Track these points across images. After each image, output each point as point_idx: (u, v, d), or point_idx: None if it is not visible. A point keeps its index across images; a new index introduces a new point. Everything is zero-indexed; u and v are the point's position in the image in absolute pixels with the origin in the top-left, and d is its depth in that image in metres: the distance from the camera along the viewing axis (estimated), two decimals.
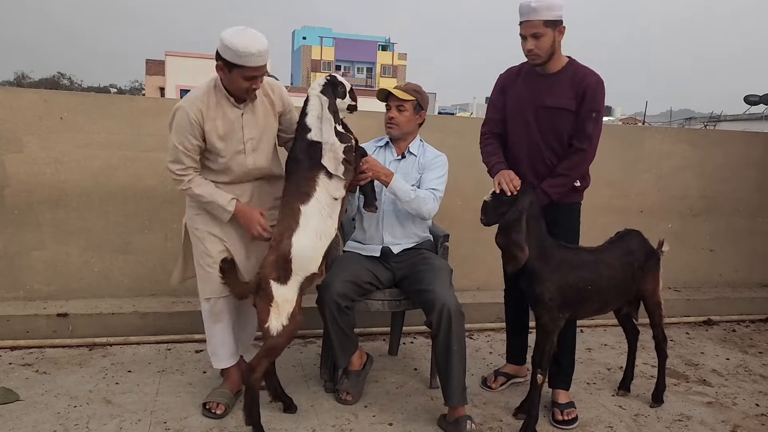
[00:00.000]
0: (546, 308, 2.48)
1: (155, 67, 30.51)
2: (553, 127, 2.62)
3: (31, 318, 3.23)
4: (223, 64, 2.34)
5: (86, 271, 3.50)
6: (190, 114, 2.40)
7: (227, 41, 2.27)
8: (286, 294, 2.36)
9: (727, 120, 15.97)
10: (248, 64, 2.30)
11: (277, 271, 2.34)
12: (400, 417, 2.65)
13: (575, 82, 2.57)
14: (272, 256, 2.37)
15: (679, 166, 4.53)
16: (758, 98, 13.19)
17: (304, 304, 3.18)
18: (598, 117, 2.59)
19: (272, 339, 2.34)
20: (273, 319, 2.33)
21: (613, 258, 2.62)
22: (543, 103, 2.61)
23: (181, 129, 2.42)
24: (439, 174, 2.84)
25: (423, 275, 2.68)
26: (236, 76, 2.34)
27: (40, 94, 3.39)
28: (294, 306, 2.38)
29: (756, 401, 3.01)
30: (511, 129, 2.76)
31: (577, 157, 2.59)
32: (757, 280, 4.83)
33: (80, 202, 3.43)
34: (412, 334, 3.66)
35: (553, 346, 2.52)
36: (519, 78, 2.74)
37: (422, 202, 2.71)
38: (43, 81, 47.53)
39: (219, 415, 2.53)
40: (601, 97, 2.58)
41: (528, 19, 2.49)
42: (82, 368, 2.96)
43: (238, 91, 2.42)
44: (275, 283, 2.33)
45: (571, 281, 2.49)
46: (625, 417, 2.77)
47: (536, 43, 2.51)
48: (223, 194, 2.49)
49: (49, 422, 2.43)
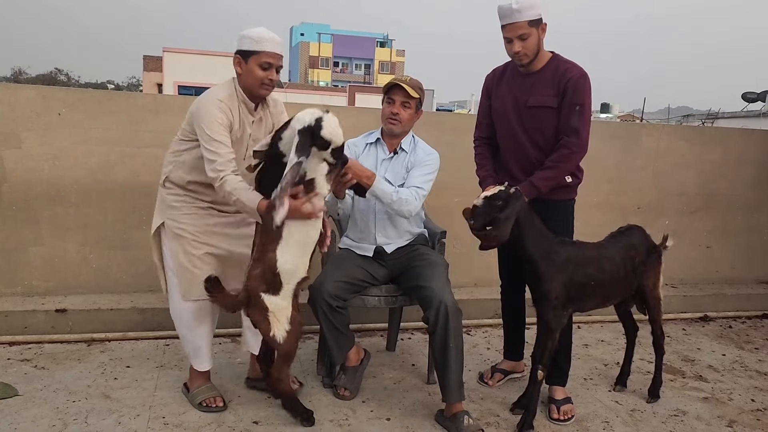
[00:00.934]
0: (551, 306, 2.48)
1: (153, 63, 30.42)
2: (537, 126, 2.63)
3: (29, 314, 3.23)
4: (240, 56, 2.39)
5: (84, 267, 3.50)
6: (223, 108, 2.38)
7: (244, 32, 2.39)
8: (280, 302, 2.33)
9: (724, 117, 15.99)
10: (265, 49, 2.37)
11: (265, 284, 2.30)
12: (397, 412, 2.66)
13: (556, 78, 2.57)
14: (258, 269, 2.31)
15: (677, 163, 4.54)
16: (756, 95, 13.22)
17: (300, 300, 3.21)
18: (583, 110, 2.57)
19: (282, 346, 2.34)
20: (275, 328, 2.31)
21: (614, 253, 2.63)
22: (526, 103, 2.62)
23: (216, 122, 2.36)
24: (426, 171, 2.79)
25: (420, 271, 2.69)
26: (253, 65, 2.38)
27: (39, 90, 3.39)
28: (291, 309, 2.36)
29: (751, 396, 3.03)
30: (498, 131, 2.78)
31: (566, 150, 2.57)
32: (753, 276, 4.85)
33: (78, 198, 3.44)
34: (409, 329, 3.68)
35: (555, 343, 2.52)
36: (503, 79, 2.75)
37: (404, 203, 2.67)
38: (40, 77, 47.34)
39: (222, 407, 2.54)
40: (583, 89, 2.56)
41: (512, 21, 2.48)
42: (81, 363, 2.97)
43: (254, 85, 2.42)
44: (266, 295, 2.30)
45: (576, 278, 2.49)
46: (621, 412, 2.79)
47: (523, 45, 2.51)
48: (255, 192, 2.35)
49: (48, 417, 2.44)
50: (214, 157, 2.32)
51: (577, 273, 2.50)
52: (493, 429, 2.57)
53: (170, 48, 27.64)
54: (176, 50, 27.77)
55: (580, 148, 2.59)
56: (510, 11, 2.47)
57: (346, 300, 2.68)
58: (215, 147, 2.33)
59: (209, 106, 2.37)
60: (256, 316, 2.32)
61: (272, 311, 2.30)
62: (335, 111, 3.81)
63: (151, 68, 30.55)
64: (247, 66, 2.39)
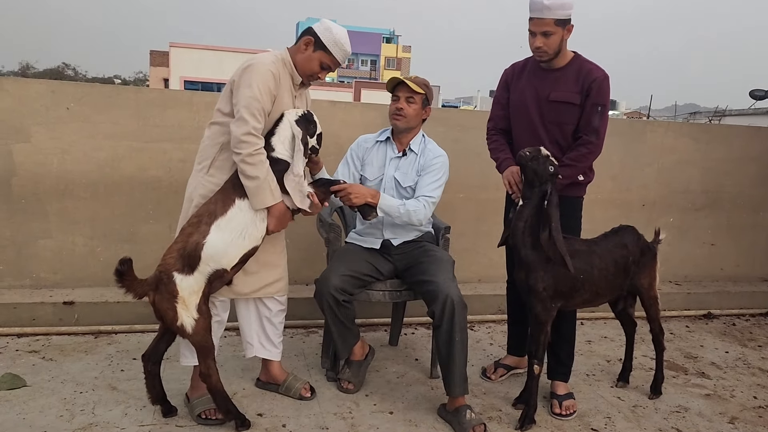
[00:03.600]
0: (539, 298, 2.49)
1: (159, 58, 30.49)
2: (558, 121, 2.63)
3: (37, 306, 3.27)
4: (315, 41, 2.41)
5: (92, 259, 3.54)
6: (275, 74, 2.33)
7: (334, 29, 2.43)
8: (192, 285, 2.19)
9: (732, 115, 15.89)
10: (336, 55, 2.43)
11: (182, 260, 2.19)
12: (400, 406, 2.69)
13: (581, 76, 2.58)
14: (180, 244, 2.22)
15: (682, 161, 4.54)
16: (764, 93, 13.13)
17: (303, 294, 3.23)
18: (604, 111, 2.61)
19: (193, 337, 2.21)
20: (183, 315, 2.18)
21: (605, 250, 2.62)
22: (548, 97, 2.62)
23: (265, 85, 2.28)
24: (435, 178, 2.79)
25: (426, 266, 2.70)
26: (318, 57, 2.42)
27: (48, 85, 3.42)
28: (200, 297, 2.22)
29: (754, 394, 3.04)
30: (515, 124, 2.77)
31: (585, 149, 2.59)
32: (757, 274, 4.85)
33: (86, 192, 3.47)
34: (413, 324, 3.70)
35: (547, 336, 2.54)
36: (524, 73, 2.74)
37: (412, 215, 2.69)
38: (47, 71, 47.57)
39: (221, 419, 2.42)
40: (606, 91, 2.60)
41: (540, 16, 2.47)
42: (88, 355, 3.00)
43: (305, 71, 2.44)
44: (179, 275, 2.17)
45: (563, 270, 2.49)
46: (623, 408, 2.80)
47: (545, 41, 2.51)
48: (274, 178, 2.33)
49: (56, 407, 2.47)
50: (252, 121, 2.24)
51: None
52: (495, 423, 2.59)
53: (177, 43, 27.72)
54: (183, 45, 27.84)
55: (597, 148, 2.62)
56: (540, 6, 2.45)
57: (353, 294, 2.69)
58: (256, 111, 2.26)
59: (262, 68, 2.30)
60: (163, 303, 2.17)
61: (181, 296, 2.17)
62: (341, 107, 3.85)
63: (157, 63, 30.63)
64: (313, 54, 2.42)
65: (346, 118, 3.82)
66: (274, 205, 2.32)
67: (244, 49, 25.54)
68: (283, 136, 2.37)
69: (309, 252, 3.67)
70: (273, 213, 2.34)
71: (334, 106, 3.83)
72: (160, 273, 2.19)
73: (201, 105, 3.55)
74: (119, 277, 2.11)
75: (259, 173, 2.25)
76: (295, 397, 2.67)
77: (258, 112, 2.26)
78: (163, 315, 2.20)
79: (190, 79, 25.91)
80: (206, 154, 2.43)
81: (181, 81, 26.05)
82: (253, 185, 2.26)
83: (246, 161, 2.24)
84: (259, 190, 2.27)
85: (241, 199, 2.29)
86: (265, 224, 2.35)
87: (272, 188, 2.30)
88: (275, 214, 2.35)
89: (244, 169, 2.26)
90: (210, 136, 2.43)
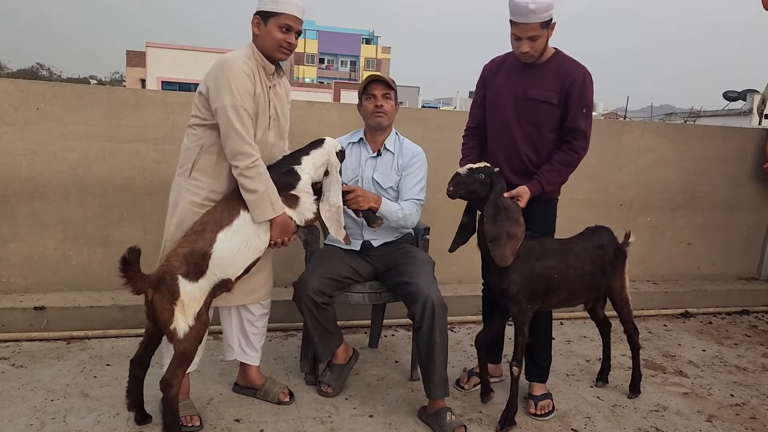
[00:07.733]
0: (514, 300, 2.47)
1: (136, 58, 30.09)
2: (534, 121, 2.58)
3: (7, 311, 3.18)
4: (260, 17, 2.34)
5: (63, 263, 3.45)
6: (248, 73, 2.25)
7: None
8: (194, 292, 2.14)
9: (706, 115, 16.17)
10: (285, 11, 2.30)
11: (187, 266, 2.14)
12: (380, 409, 2.66)
13: (560, 75, 2.54)
14: (185, 248, 2.17)
15: (658, 161, 4.58)
16: (737, 94, 13.36)
17: (282, 296, 3.19)
18: (589, 112, 2.57)
19: (182, 342, 2.13)
20: (179, 319, 2.11)
21: (581, 249, 2.61)
22: (525, 95, 2.56)
23: (243, 87, 2.22)
24: (418, 179, 2.82)
25: (406, 268, 2.68)
26: (272, 27, 2.31)
27: (16, 84, 3.33)
28: (201, 306, 2.17)
29: (731, 392, 3.06)
30: (490, 123, 2.72)
31: (573, 154, 2.57)
32: (733, 272, 4.91)
33: (57, 194, 3.38)
34: (393, 326, 3.67)
35: (525, 338, 2.52)
36: (502, 69, 2.69)
37: (408, 219, 2.75)
38: (21, 71, 46.68)
39: (198, 426, 2.39)
40: (589, 91, 2.56)
41: (526, 21, 2.40)
42: (60, 362, 2.92)
43: (272, 48, 2.34)
44: (183, 279, 2.12)
45: (537, 270, 2.47)
46: (603, 408, 2.80)
47: (532, 45, 2.46)
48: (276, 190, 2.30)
49: (26, 416, 2.40)
50: (242, 130, 2.21)
51: (538, 265, 2.48)
52: (475, 425, 2.57)
53: (153, 43, 27.35)
54: (159, 45, 27.48)
55: (585, 151, 2.60)
56: (526, 11, 2.38)
57: (331, 296, 2.66)
58: (244, 119, 2.22)
59: (236, 70, 2.22)
60: (162, 302, 2.10)
61: (182, 299, 2.11)
62: (319, 107, 3.81)
63: (134, 63, 30.24)
64: (266, 27, 2.33)
65: (324, 118, 3.78)
66: (276, 217, 2.30)
67: (221, 49, 25.30)
68: (315, 157, 2.41)
69: (287, 254, 3.60)
70: (275, 224, 2.32)
71: (312, 107, 3.80)
72: (163, 273, 2.13)
73: (176, 105, 3.49)
74: (124, 265, 2.04)
75: (257, 186, 2.23)
76: (274, 401, 2.63)
77: (246, 118, 2.24)
78: (158, 315, 2.12)
79: (167, 79, 25.57)
80: (186, 157, 2.38)
81: (158, 81, 25.72)
82: (252, 198, 2.24)
83: (244, 174, 2.22)
84: (259, 203, 2.25)
85: (245, 210, 2.27)
86: (268, 236, 2.32)
87: (273, 201, 2.28)
88: (278, 226, 2.32)
89: (243, 183, 2.24)
90: (188, 139, 2.39)
